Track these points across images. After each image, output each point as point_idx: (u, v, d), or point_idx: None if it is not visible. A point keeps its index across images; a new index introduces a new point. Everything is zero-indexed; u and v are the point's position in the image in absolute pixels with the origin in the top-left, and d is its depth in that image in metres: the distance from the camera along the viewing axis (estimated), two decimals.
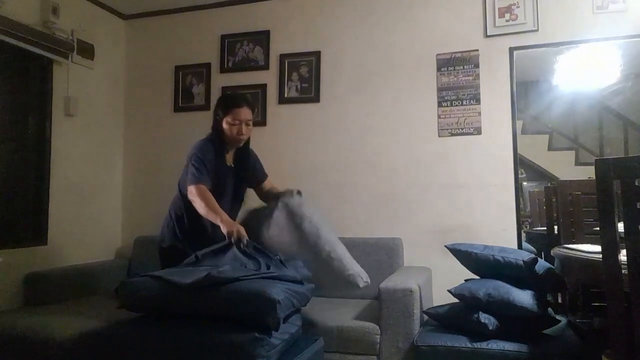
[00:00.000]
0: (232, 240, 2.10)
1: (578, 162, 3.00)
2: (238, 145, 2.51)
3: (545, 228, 2.87)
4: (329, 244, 2.28)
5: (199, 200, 2.26)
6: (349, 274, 2.26)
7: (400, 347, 2.21)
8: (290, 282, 1.95)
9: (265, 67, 3.37)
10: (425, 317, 2.36)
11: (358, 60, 3.19)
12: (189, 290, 1.82)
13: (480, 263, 2.21)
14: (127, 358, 1.88)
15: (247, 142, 2.56)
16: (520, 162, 2.88)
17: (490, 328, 2.03)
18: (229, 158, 2.54)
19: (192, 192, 2.30)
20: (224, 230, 2.13)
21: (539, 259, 2.11)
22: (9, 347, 2.26)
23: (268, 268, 2.03)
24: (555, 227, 2.64)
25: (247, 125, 2.46)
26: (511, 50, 2.91)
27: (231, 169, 2.52)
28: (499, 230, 2.83)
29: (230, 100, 2.54)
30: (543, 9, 2.87)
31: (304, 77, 3.29)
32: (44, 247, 2.97)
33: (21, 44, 2.78)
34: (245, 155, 2.58)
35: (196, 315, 1.87)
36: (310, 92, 3.27)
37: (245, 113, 2.44)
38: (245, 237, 2.14)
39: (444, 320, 2.25)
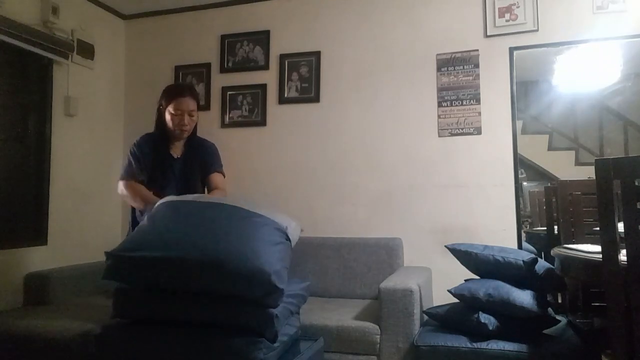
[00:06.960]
0: None
1: (578, 162, 3.00)
2: (182, 137, 2.48)
3: (545, 228, 2.87)
4: None
5: (128, 195, 2.34)
6: None
7: (400, 347, 2.21)
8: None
9: (265, 67, 3.36)
10: (425, 317, 2.36)
11: (358, 60, 3.19)
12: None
13: (480, 263, 2.21)
14: None
15: (195, 132, 2.55)
16: (520, 162, 2.88)
17: (490, 328, 2.03)
18: (177, 149, 2.54)
19: (120, 188, 2.39)
20: None
21: (539, 259, 2.11)
22: (9, 347, 2.26)
23: None
24: (555, 227, 2.64)
25: (190, 115, 2.44)
26: (511, 50, 2.91)
27: (177, 160, 2.52)
28: (499, 230, 2.83)
29: (173, 89, 2.53)
30: (543, 9, 2.87)
31: (304, 77, 3.29)
32: (44, 247, 2.97)
33: (21, 44, 2.77)
34: (194, 146, 2.55)
35: (193, 320, 1.86)
36: (310, 92, 3.26)
37: (188, 103, 2.42)
38: None
39: (444, 320, 2.25)
